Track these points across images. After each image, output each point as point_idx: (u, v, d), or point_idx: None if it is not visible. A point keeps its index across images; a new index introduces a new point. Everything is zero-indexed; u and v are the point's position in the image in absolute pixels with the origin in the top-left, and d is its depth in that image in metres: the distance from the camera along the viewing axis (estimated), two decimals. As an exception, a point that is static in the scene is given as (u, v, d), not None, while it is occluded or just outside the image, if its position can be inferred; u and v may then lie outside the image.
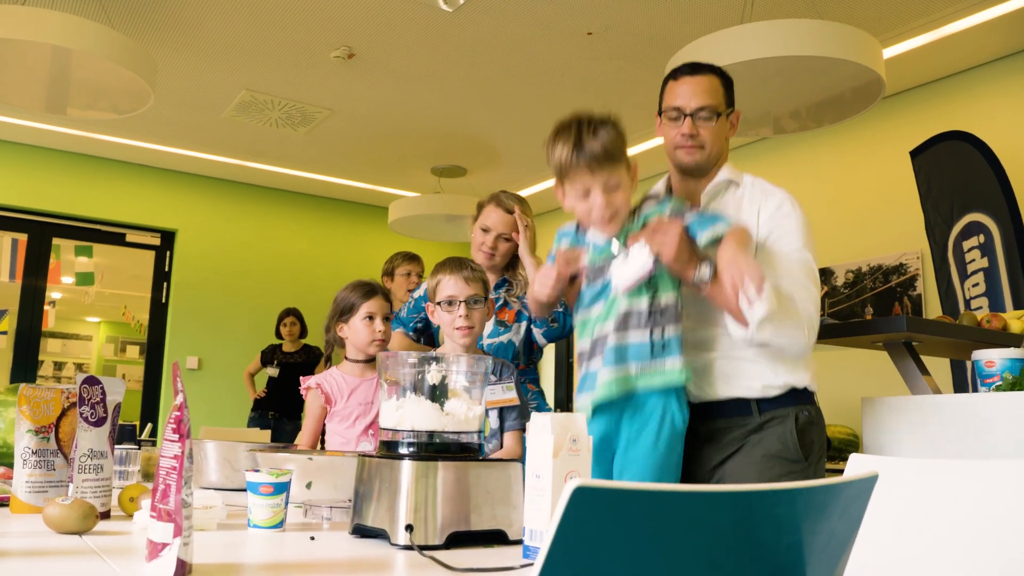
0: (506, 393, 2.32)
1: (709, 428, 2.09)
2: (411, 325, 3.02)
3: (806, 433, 2.05)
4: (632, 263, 1.93)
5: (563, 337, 2.86)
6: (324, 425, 2.71)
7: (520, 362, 2.82)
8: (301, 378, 2.76)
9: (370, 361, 2.75)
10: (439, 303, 2.36)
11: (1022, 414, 2.20)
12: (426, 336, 3.06)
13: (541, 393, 2.90)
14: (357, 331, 2.69)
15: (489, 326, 2.81)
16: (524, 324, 2.91)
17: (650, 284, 1.96)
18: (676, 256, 1.91)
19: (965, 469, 1.31)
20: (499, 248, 2.88)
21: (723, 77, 2.22)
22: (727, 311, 1.97)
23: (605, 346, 1.95)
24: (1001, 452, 2.21)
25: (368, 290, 2.71)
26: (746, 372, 2.06)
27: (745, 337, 1.95)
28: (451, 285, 2.34)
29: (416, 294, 3.06)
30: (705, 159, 2.16)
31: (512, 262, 2.96)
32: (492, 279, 2.92)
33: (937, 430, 2.35)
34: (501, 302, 2.89)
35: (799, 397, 2.08)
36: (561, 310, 2.72)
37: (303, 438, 2.74)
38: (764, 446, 2.04)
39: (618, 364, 1.93)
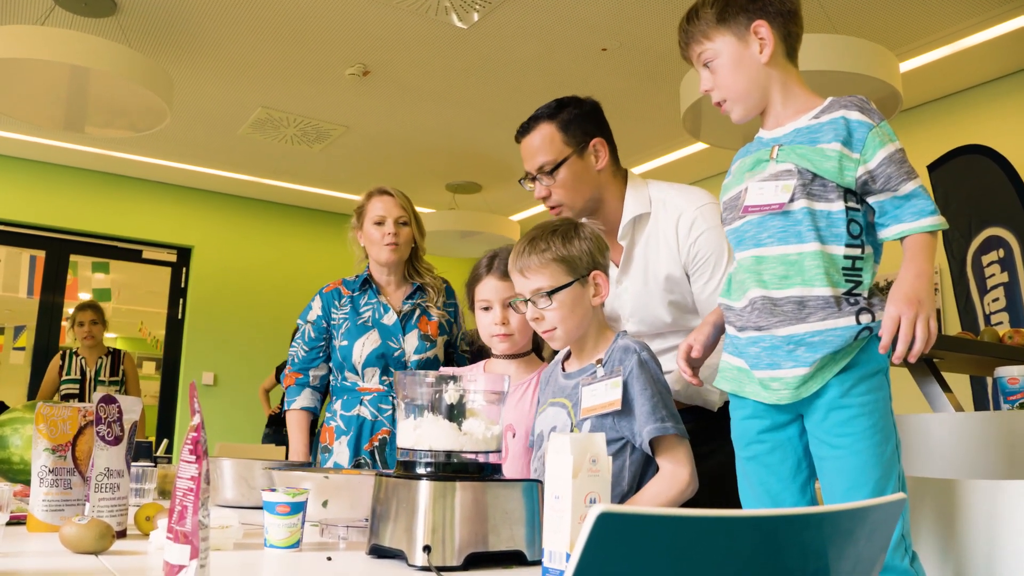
0: (610, 393, 1.67)
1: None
2: (317, 361, 2.76)
3: None
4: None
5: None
6: None
7: None
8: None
9: (508, 357, 2.12)
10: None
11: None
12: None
13: None
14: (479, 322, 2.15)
15: (414, 341, 2.67)
16: (444, 339, 2.71)
17: None
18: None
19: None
20: (401, 234, 2.70)
21: (559, 116, 2.07)
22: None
23: None
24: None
25: (474, 276, 2.17)
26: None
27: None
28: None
29: (309, 317, 2.83)
30: (575, 212, 2.03)
31: (412, 258, 2.76)
32: (396, 282, 2.76)
33: (962, 448, 2.32)
34: (419, 312, 2.71)
35: None
36: None
37: None
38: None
39: None
